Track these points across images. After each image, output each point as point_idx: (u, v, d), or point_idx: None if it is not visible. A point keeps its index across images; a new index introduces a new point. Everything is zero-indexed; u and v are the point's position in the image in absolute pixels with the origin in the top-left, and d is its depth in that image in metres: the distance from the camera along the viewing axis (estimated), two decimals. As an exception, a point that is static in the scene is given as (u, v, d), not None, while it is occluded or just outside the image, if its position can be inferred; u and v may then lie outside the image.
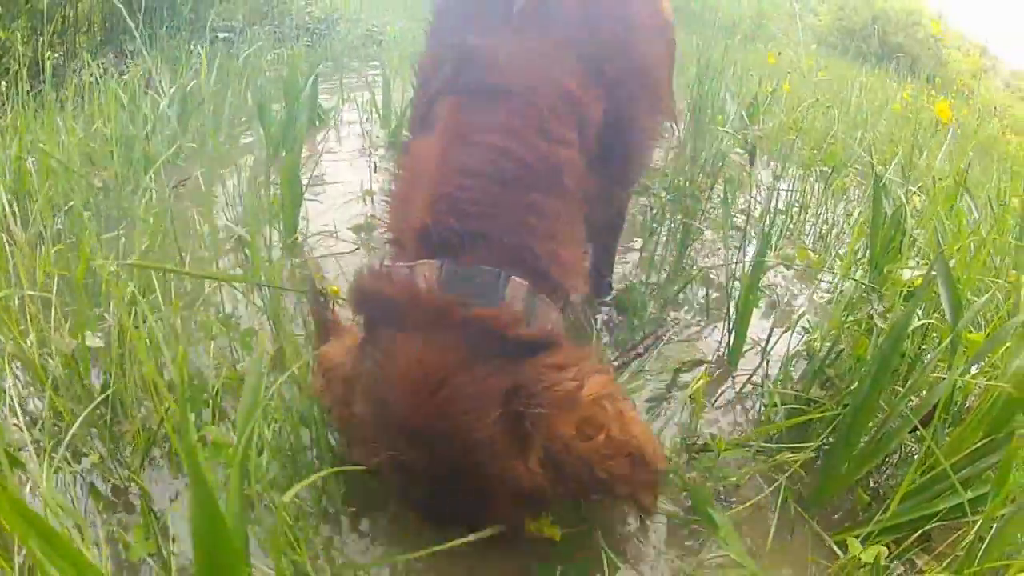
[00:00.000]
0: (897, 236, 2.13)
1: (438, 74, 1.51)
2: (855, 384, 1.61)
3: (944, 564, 1.39)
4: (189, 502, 0.85)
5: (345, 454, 1.45)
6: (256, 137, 2.98)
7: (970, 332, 1.68)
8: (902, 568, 1.47)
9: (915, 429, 1.50)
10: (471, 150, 1.37)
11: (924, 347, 1.76)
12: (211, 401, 1.57)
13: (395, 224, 1.48)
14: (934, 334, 1.78)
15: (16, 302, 1.78)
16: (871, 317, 1.78)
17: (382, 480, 1.38)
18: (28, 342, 1.64)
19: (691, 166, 2.73)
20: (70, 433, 1.39)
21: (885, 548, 1.39)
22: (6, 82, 3.23)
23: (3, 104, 3.12)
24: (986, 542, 1.26)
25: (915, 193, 2.70)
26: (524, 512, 1.35)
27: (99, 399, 1.52)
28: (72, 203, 2.22)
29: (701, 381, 1.76)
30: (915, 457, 1.54)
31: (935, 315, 1.77)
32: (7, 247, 1.92)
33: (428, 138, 1.44)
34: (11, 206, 2.08)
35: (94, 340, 1.60)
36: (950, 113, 3.56)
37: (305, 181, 2.61)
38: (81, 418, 1.43)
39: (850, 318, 1.87)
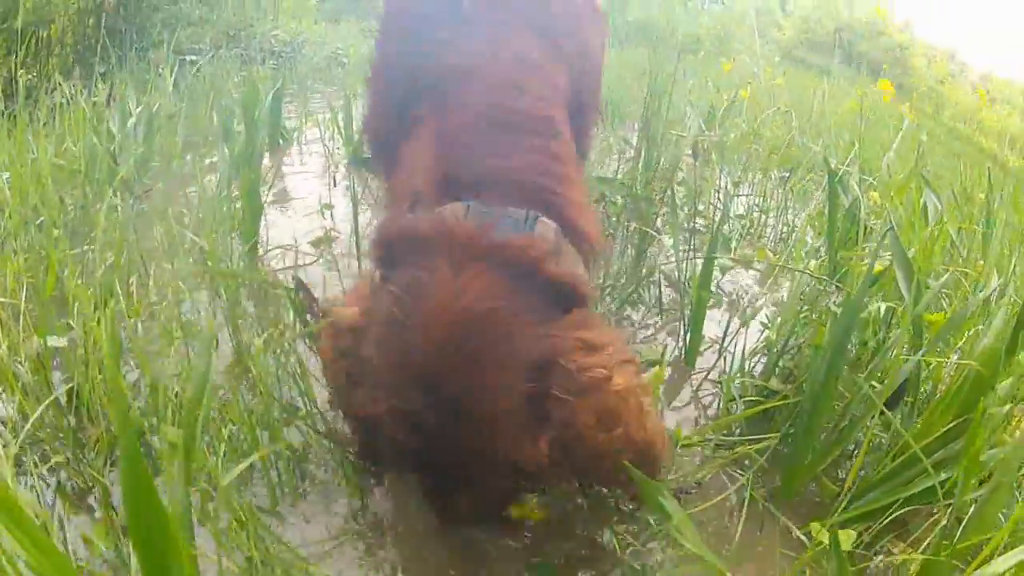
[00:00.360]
0: (854, 229, 2.15)
1: (404, 83, 1.55)
2: (810, 379, 1.57)
3: (920, 548, 1.40)
4: (122, 484, 0.82)
5: (342, 406, 1.43)
6: (220, 156, 3.01)
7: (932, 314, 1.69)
8: (879, 557, 1.46)
9: (882, 413, 1.49)
10: (463, 114, 1.39)
11: (888, 337, 1.76)
12: (170, 406, 1.58)
13: (405, 194, 1.40)
14: (898, 326, 1.77)
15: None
16: (828, 309, 1.79)
17: (373, 435, 1.32)
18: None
19: (645, 171, 2.75)
20: (27, 425, 1.41)
21: (853, 532, 1.40)
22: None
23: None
24: (963, 523, 1.24)
25: (872, 186, 2.74)
26: (513, 487, 1.33)
27: (57, 394, 1.55)
28: (42, 219, 2.23)
29: (656, 371, 1.78)
30: (885, 446, 1.56)
31: (898, 302, 1.76)
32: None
33: (417, 129, 1.45)
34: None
35: (58, 341, 1.63)
36: (892, 91, 3.61)
37: (267, 197, 2.64)
38: (39, 411, 1.46)
39: (806, 309, 1.89)
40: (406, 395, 1.16)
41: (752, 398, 1.78)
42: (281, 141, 3.81)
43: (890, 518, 1.41)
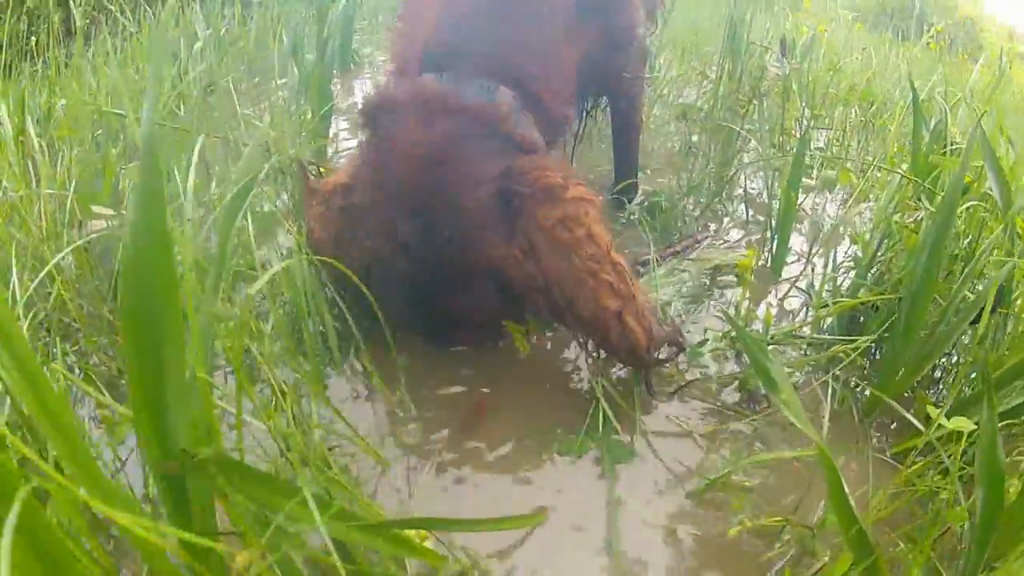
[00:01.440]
0: (940, 146, 2.04)
1: None
2: (907, 277, 1.47)
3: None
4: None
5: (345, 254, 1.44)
6: (288, 76, 2.98)
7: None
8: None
9: (974, 322, 1.40)
10: None
11: (980, 244, 1.63)
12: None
13: (400, 55, 1.65)
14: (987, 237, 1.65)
15: (37, 206, 1.72)
16: (917, 221, 1.69)
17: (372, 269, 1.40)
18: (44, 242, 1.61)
19: (729, 82, 2.68)
20: (52, 295, 1.39)
21: (971, 423, 1.20)
22: (36, 41, 3.26)
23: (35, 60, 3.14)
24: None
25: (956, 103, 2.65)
26: (499, 308, 1.47)
27: (88, 239, 1.51)
28: (99, 131, 2.21)
29: (749, 252, 1.71)
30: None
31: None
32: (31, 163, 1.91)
33: None
34: (39, 143, 2.03)
35: (104, 211, 1.56)
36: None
37: (339, 106, 2.60)
38: (59, 254, 1.44)
39: (896, 217, 1.79)
40: (393, 223, 1.35)
41: (842, 299, 1.68)
42: (352, 65, 3.85)
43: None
